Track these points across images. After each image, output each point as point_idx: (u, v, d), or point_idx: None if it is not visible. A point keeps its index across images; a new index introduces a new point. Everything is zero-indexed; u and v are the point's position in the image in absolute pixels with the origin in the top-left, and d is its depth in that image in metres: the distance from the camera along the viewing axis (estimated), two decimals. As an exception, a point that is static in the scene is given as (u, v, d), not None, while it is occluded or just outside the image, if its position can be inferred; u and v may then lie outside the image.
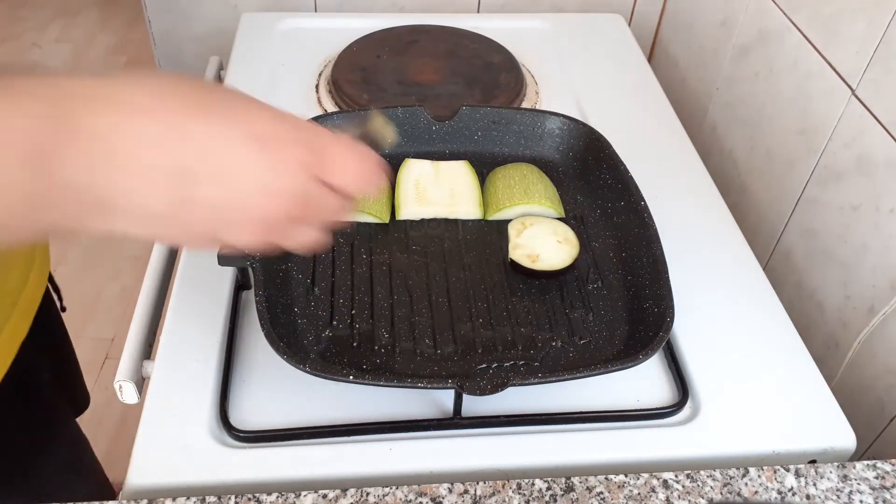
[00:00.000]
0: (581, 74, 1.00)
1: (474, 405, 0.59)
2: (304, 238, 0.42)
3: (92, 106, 0.33)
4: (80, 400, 0.85)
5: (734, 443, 0.59)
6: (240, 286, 0.68)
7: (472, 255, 0.70)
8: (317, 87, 0.96)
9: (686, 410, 0.62)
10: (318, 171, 0.40)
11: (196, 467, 0.55)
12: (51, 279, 0.74)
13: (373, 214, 0.71)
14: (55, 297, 0.77)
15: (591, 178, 0.77)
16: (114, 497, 0.82)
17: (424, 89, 0.93)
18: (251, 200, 0.38)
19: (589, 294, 0.67)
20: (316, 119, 0.77)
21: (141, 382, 0.63)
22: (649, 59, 1.23)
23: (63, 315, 0.81)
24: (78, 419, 0.87)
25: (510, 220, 0.71)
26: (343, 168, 0.41)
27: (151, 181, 0.35)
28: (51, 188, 0.32)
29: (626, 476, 0.55)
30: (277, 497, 0.53)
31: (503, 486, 0.54)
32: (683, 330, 0.67)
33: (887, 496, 0.55)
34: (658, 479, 0.55)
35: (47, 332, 0.75)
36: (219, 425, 0.58)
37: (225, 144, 0.36)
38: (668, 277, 0.63)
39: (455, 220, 0.73)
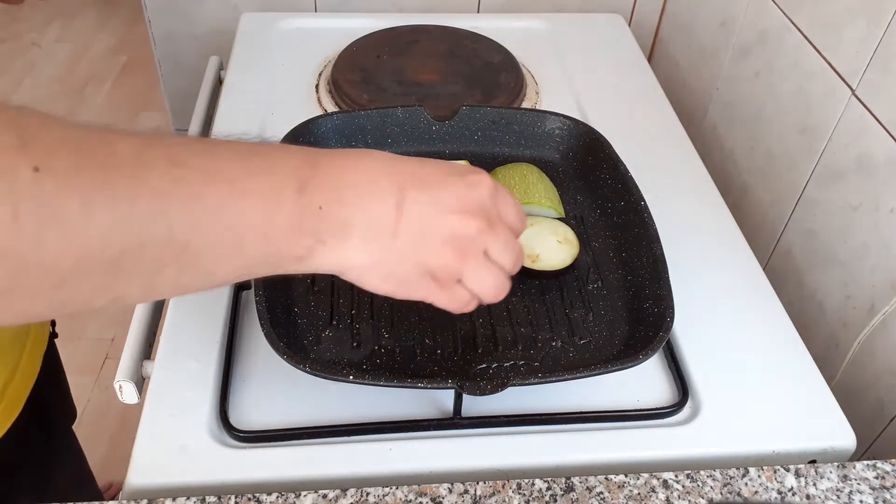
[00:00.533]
0: (581, 74, 1.00)
1: (474, 405, 0.59)
2: (488, 277, 0.48)
3: (330, 155, 0.44)
4: (70, 411, 0.85)
5: (734, 443, 0.59)
6: (240, 286, 0.68)
7: (472, 255, 0.70)
8: (317, 87, 0.96)
9: (686, 410, 0.62)
10: (497, 205, 0.47)
11: (196, 467, 0.55)
12: None
13: (373, 214, 0.71)
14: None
15: (591, 178, 0.77)
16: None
17: (424, 89, 0.93)
18: (452, 213, 0.45)
19: (589, 294, 0.67)
20: (316, 119, 0.77)
21: (141, 382, 0.63)
22: (649, 59, 1.23)
23: (63, 317, 0.81)
24: (78, 421, 0.87)
25: (510, 220, 0.71)
26: (510, 208, 0.49)
27: (377, 194, 0.44)
28: (307, 211, 0.41)
29: (626, 476, 0.55)
30: (277, 497, 0.53)
31: (503, 486, 0.54)
32: (683, 330, 0.67)
33: (887, 496, 0.55)
34: (658, 479, 0.55)
35: (48, 347, 0.75)
36: (219, 425, 0.58)
37: (430, 172, 0.46)
38: (668, 277, 0.63)
39: (455, 220, 0.73)
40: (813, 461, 0.59)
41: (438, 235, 0.45)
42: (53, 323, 0.77)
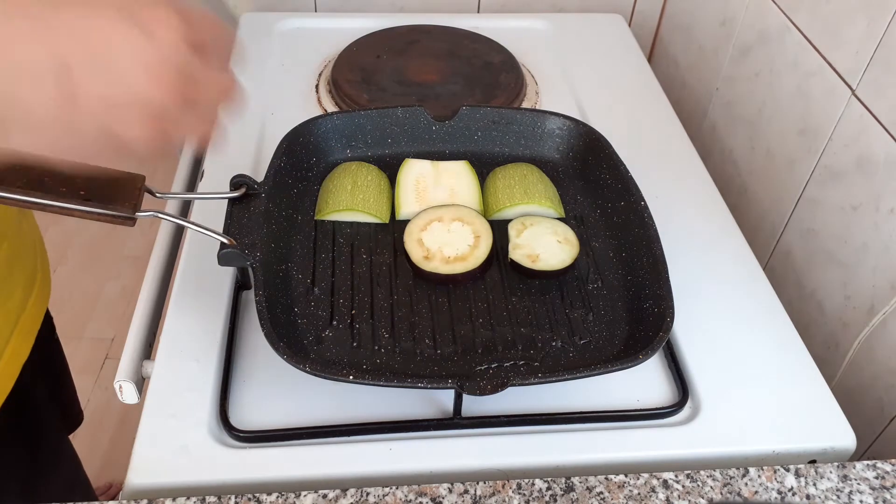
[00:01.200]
0: (581, 74, 1.00)
1: (474, 405, 0.59)
2: (200, 124, 0.41)
3: None
4: (74, 417, 0.85)
5: (734, 443, 0.59)
6: (240, 286, 0.68)
7: (472, 255, 0.70)
8: (317, 87, 0.96)
9: (686, 410, 0.62)
10: (193, 39, 0.39)
11: (196, 467, 0.55)
12: None
13: (373, 214, 0.71)
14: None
15: (591, 178, 0.77)
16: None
17: (424, 89, 0.93)
18: (136, 80, 0.37)
19: (589, 294, 0.67)
20: (316, 119, 0.77)
21: (141, 382, 0.63)
22: (649, 59, 1.23)
23: (63, 317, 0.81)
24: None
25: (510, 220, 0.71)
26: (211, 31, 0.40)
27: (33, 81, 0.35)
28: None
29: (626, 476, 0.55)
30: (277, 497, 0.53)
31: (503, 486, 0.54)
32: (683, 330, 0.67)
33: (887, 496, 0.55)
34: (658, 479, 0.55)
35: (45, 354, 0.74)
36: (219, 425, 0.58)
37: (96, 25, 0.36)
38: (668, 277, 0.63)
39: (455, 220, 0.73)
40: (813, 461, 0.59)
41: (125, 107, 0.37)
42: (50, 318, 0.77)
